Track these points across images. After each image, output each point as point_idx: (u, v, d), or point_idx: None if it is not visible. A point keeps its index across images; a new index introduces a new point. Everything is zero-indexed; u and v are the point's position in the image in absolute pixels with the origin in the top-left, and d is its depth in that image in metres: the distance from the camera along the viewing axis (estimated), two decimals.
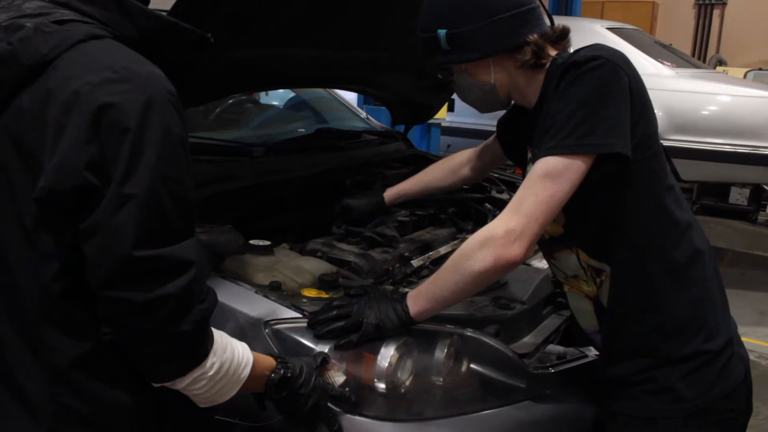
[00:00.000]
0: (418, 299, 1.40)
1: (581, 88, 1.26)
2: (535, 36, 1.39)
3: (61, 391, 1.01)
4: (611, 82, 1.26)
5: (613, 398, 1.43)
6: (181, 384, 1.05)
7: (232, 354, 1.12)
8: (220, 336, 1.11)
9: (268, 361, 1.26)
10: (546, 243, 1.51)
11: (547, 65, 1.41)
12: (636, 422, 1.38)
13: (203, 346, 1.05)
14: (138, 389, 1.06)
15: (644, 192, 1.33)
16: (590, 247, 1.40)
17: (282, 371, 1.25)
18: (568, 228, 1.41)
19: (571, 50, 1.41)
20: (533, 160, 1.32)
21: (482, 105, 1.54)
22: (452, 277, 1.35)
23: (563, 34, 1.44)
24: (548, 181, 1.25)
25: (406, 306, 1.39)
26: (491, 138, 1.94)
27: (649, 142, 1.32)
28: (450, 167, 2.06)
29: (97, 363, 1.02)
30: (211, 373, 1.07)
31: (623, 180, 1.31)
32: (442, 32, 1.42)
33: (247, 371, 1.15)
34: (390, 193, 2.11)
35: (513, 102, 1.54)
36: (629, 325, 1.37)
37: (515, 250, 1.26)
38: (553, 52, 1.42)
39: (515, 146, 1.68)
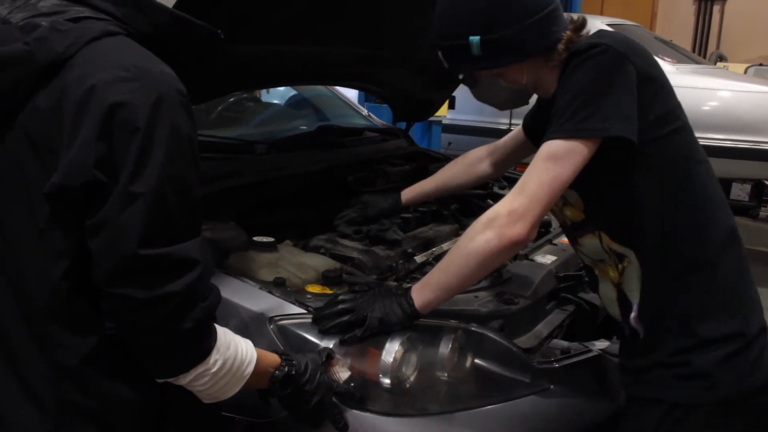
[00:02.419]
0: (423, 290, 1.40)
1: (581, 76, 1.27)
2: (568, 33, 1.37)
3: (68, 388, 1.02)
4: (611, 68, 1.26)
5: (635, 383, 1.40)
6: (184, 380, 1.06)
7: (235, 351, 1.12)
8: (223, 333, 1.11)
9: (273, 358, 1.26)
10: (569, 229, 1.50)
11: None
12: (657, 407, 1.34)
13: (206, 343, 1.06)
14: (143, 385, 1.06)
15: (669, 169, 1.33)
16: (613, 231, 1.39)
17: (286, 368, 1.25)
18: (588, 213, 1.41)
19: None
20: None
21: (508, 104, 1.52)
22: (457, 261, 1.35)
23: (583, 24, 1.41)
24: (551, 163, 1.27)
25: (411, 299, 1.39)
26: (515, 131, 1.91)
27: (667, 118, 1.32)
28: (467, 164, 2.02)
29: (104, 360, 1.03)
30: (214, 369, 1.07)
31: (640, 162, 1.31)
32: (475, 39, 1.35)
33: (250, 369, 1.16)
34: (407, 194, 2.08)
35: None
36: (664, 307, 1.35)
37: (518, 230, 1.27)
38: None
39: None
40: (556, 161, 1.26)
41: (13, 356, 1.04)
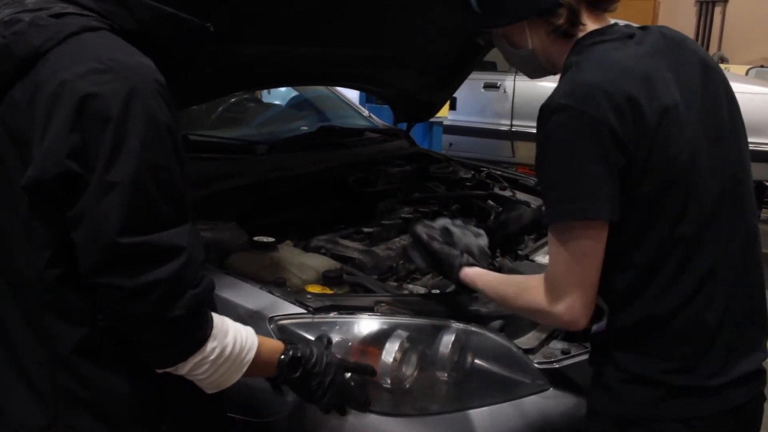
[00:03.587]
0: (474, 273, 1.49)
1: (549, 149, 1.20)
2: None
3: (64, 376, 1.03)
4: (578, 140, 1.16)
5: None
6: (184, 369, 1.05)
7: (234, 338, 1.12)
8: (221, 321, 1.11)
9: (277, 344, 1.26)
10: None
11: (575, 41, 1.29)
12: (587, 413, 1.36)
13: (200, 331, 1.05)
14: (139, 377, 1.07)
15: (638, 231, 1.21)
16: None
17: (291, 352, 1.24)
18: None
19: (616, 22, 1.32)
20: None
21: (527, 71, 1.47)
22: (510, 304, 1.40)
23: None
24: (562, 249, 1.21)
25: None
26: None
27: (648, 176, 1.19)
28: None
29: (98, 350, 1.03)
30: (212, 357, 1.07)
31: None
32: None
33: (251, 355, 1.15)
34: None
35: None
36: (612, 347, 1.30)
37: (584, 322, 1.23)
38: (587, 21, 1.29)
39: None
40: (566, 245, 1.20)
41: (11, 347, 1.04)
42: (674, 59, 1.28)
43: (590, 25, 1.30)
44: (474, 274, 1.50)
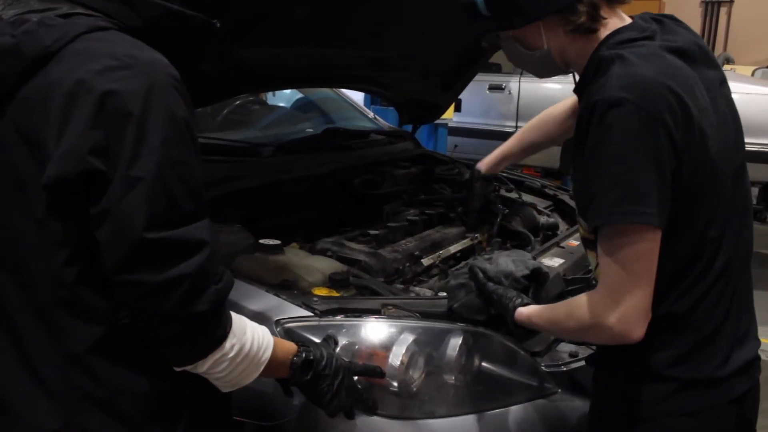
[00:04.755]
0: (529, 311, 1.39)
1: (606, 147, 1.14)
2: None
3: (78, 376, 1.02)
4: (637, 138, 1.12)
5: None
6: (203, 367, 1.05)
7: (252, 336, 1.12)
8: (239, 319, 1.11)
9: (290, 345, 1.26)
10: (583, 240, 1.41)
11: (599, 40, 1.26)
12: (591, 413, 1.37)
13: (221, 328, 1.05)
14: (155, 376, 1.06)
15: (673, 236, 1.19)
16: None
17: (304, 354, 1.25)
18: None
19: (628, 19, 1.29)
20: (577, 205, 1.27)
21: (539, 71, 1.40)
22: (563, 328, 1.36)
23: None
24: (614, 254, 1.16)
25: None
26: None
27: (689, 182, 1.17)
28: (555, 119, 1.83)
29: (113, 348, 1.03)
30: (231, 354, 1.07)
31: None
32: None
33: (267, 354, 1.15)
34: (492, 164, 1.98)
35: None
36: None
37: (639, 333, 1.16)
38: (606, 14, 1.26)
39: None
40: (621, 250, 1.15)
41: (22, 347, 1.04)
42: (697, 57, 1.27)
43: (611, 19, 1.27)
44: (528, 311, 1.40)
